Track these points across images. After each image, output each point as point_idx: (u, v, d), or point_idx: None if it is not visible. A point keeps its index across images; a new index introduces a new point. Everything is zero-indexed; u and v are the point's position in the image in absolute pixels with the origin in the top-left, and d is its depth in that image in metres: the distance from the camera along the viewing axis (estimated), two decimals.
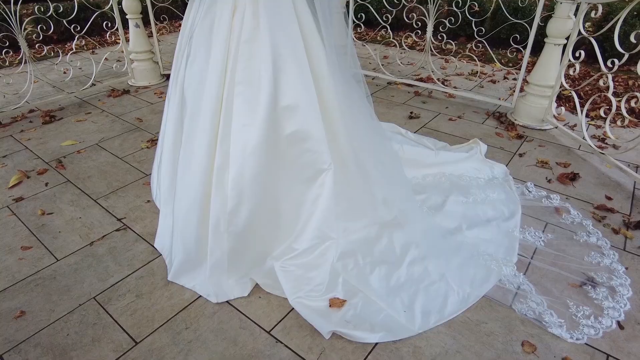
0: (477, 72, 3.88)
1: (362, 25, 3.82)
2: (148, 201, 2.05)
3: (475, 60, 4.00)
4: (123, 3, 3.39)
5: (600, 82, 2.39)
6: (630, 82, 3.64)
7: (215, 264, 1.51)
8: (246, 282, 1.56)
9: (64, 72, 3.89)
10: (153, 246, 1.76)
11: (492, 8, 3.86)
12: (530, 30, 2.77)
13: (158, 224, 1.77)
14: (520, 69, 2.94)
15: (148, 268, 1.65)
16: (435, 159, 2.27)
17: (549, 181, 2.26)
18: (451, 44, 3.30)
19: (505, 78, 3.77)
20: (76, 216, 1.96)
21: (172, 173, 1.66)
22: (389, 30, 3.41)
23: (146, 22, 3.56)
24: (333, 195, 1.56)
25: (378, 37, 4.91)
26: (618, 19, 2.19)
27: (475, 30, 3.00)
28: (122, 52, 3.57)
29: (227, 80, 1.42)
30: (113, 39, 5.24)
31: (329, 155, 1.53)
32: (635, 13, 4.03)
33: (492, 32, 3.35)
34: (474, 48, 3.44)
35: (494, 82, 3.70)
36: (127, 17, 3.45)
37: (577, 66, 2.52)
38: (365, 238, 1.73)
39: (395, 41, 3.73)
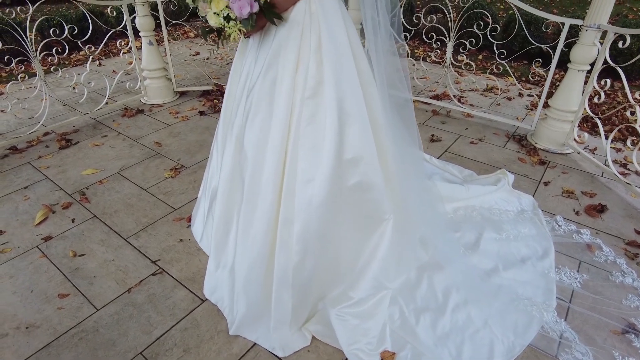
0: (492, 87, 3.87)
1: None
2: (181, 240, 2.03)
3: (490, 75, 3.99)
4: (136, 21, 3.33)
5: (628, 113, 2.40)
6: None
7: (280, 318, 1.52)
8: (304, 331, 1.57)
9: (73, 88, 3.83)
10: (193, 292, 1.75)
11: (505, 19, 3.85)
12: (554, 55, 2.76)
13: (206, 274, 1.75)
14: (535, 84, 2.93)
15: (191, 319, 1.63)
16: (467, 194, 2.28)
17: (577, 213, 2.28)
18: (471, 65, 3.29)
19: (520, 94, 3.76)
20: (109, 258, 1.94)
21: (227, 223, 1.64)
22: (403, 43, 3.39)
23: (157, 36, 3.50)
24: (391, 245, 1.58)
25: None
26: None
27: (497, 52, 2.99)
28: (130, 63, 3.51)
29: (291, 136, 1.41)
30: (118, 49, 5.19)
31: (389, 205, 1.56)
32: None
33: (504, 41, 3.34)
34: (494, 69, 3.42)
35: (509, 99, 3.70)
36: (140, 34, 3.39)
37: (602, 94, 2.52)
38: (406, 283, 1.74)
39: (408, 52, 3.70)
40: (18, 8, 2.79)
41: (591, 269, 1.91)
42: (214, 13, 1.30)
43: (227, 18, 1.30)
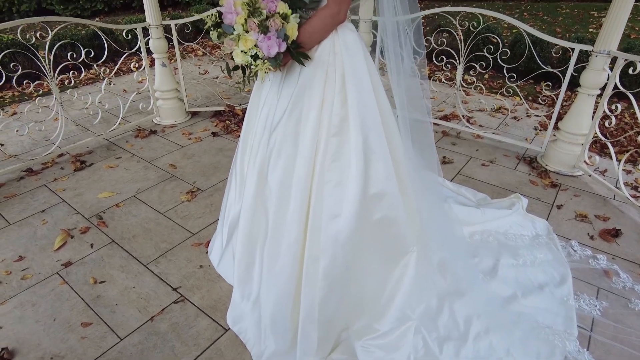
0: (500, 107, 3.92)
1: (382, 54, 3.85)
2: (200, 266, 2.04)
3: (496, 93, 4.04)
4: (150, 43, 3.38)
5: (639, 139, 2.43)
6: None
7: (306, 349, 1.53)
8: None
9: (86, 108, 3.86)
10: (215, 321, 1.75)
11: (510, 37, 3.91)
12: (563, 78, 2.81)
13: (230, 304, 1.75)
14: (541, 104, 2.97)
15: (215, 348, 1.64)
16: (482, 217, 2.30)
17: (592, 238, 2.29)
18: (481, 87, 3.34)
19: (527, 114, 3.81)
20: (130, 285, 1.94)
21: (250, 257, 1.65)
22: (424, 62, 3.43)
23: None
24: (416, 277, 1.59)
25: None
26: None
27: (507, 76, 3.04)
28: (141, 82, 3.55)
29: (316, 172, 1.44)
30: (128, 68, 5.25)
31: (412, 238, 1.58)
32: None
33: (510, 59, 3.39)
34: (504, 92, 3.46)
35: (517, 119, 3.74)
36: (153, 56, 3.44)
37: (613, 119, 2.56)
38: (427, 311, 1.75)
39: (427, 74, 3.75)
40: (38, 34, 2.84)
41: (610, 295, 1.92)
42: (242, 51, 1.33)
43: (255, 57, 1.33)
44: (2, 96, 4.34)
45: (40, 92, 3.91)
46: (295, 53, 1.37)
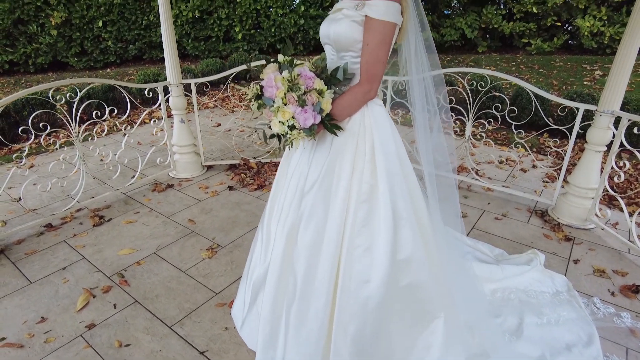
0: (506, 158, 4.03)
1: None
2: (226, 328, 2.03)
3: (503, 146, 4.17)
4: (170, 100, 3.52)
5: None
6: None
7: None
8: None
9: (101, 160, 3.95)
10: None
11: (510, 90, 4.09)
12: (570, 136, 2.92)
13: None
14: (546, 155, 3.06)
15: None
16: (502, 274, 2.32)
17: (613, 294, 2.31)
18: (491, 144, 3.46)
19: (534, 166, 3.91)
20: (155, 349, 1.93)
21: (275, 319, 1.66)
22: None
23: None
24: (444, 342, 1.60)
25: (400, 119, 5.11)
26: None
27: (515, 132, 3.16)
28: (155, 134, 3.66)
29: (346, 238, 1.48)
30: (141, 119, 5.41)
31: (439, 301, 1.60)
32: None
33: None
34: (513, 147, 3.58)
35: (524, 170, 3.84)
36: (173, 112, 3.58)
37: (622, 175, 2.64)
38: None
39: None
40: (68, 95, 2.95)
41: (639, 356, 1.91)
42: (279, 121, 1.41)
43: (291, 127, 1.41)
44: (19, 149, 4.44)
45: (57, 144, 4.01)
46: (330, 125, 1.46)
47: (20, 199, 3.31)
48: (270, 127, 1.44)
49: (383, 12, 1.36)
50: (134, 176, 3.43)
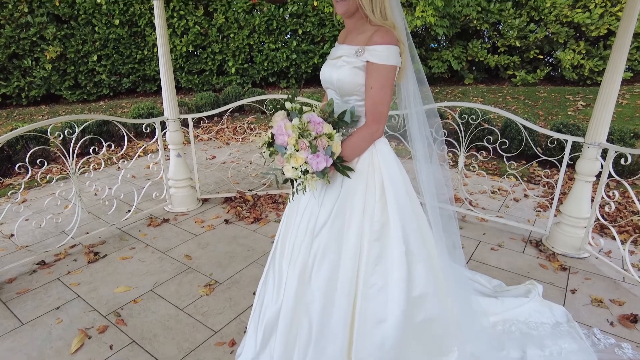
0: (498, 188, 4.11)
1: None
2: None
3: (492, 174, 4.25)
4: (167, 135, 3.56)
5: None
6: None
7: None
8: None
9: (95, 194, 3.93)
10: None
11: (498, 120, 4.21)
12: (560, 167, 3.01)
13: None
14: (537, 184, 3.13)
15: None
16: (502, 307, 2.32)
17: (612, 324, 2.32)
18: (483, 174, 3.54)
19: (525, 195, 3.99)
20: None
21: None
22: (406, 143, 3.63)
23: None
24: None
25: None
26: None
27: (508, 164, 3.24)
28: (148, 167, 3.66)
29: (360, 277, 1.49)
30: (135, 152, 5.41)
31: (453, 337, 1.60)
32: None
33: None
34: (506, 178, 3.67)
35: (516, 200, 3.91)
36: (169, 147, 3.60)
37: (612, 205, 2.71)
38: None
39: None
40: (66, 131, 2.97)
41: None
42: (292, 167, 1.45)
43: (304, 171, 1.45)
44: (10, 183, 4.40)
45: (54, 180, 3.99)
46: (342, 167, 1.49)
47: (12, 235, 3.26)
48: (282, 173, 1.48)
49: (385, 57, 1.42)
50: (130, 211, 3.41)
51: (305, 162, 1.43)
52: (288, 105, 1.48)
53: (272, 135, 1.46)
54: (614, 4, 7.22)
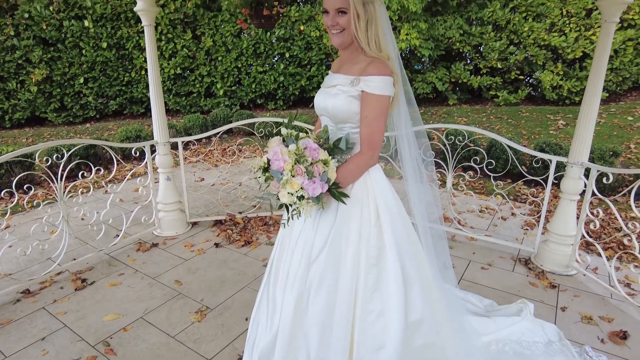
0: (486, 207, 4.17)
1: None
2: None
3: (479, 193, 4.32)
4: (157, 159, 3.54)
5: (625, 241, 2.64)
6: None
7: None
8: None
9: (82, 219, 3.86)
10: None
11: (482, 139, 4.31)
12: (546, 185, 3.08)
13: None
14: (523, 202, 3.19)
15: None
16: (495, 326, 2.34)
17: (602, 341, 2.35)
18: (470, 194, 3.60)
19: (512, 214, 4.06)
20: None
21: None
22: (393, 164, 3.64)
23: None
24: None
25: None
26: (632, 188, 2.51)
27: (495, 184, 3.31)
28: (136, 190, 3.63)
29: (358, 303, 1.49)
30: (122, 175, 5.36)
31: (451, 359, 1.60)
32: None
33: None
34: (492, 192, 3.73)
35: (504, 218, 3.97)
36: (159, 170, 3.58)
37: (597, 222, 2.78)
38: None
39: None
40: (54, 156, 2.94)
41: None
42: (288, 192, 1.46)
43: (300, 197, 1.46)
44: None
45: (41, 205, 3.92)
46: (337, 193, 1.51)
47: None
48: (278, 198, 1.49)
49: (380, 88, 1.47)
50: (118, 235, 3.36)
51: (301, 188, 1.44)
52: (284, 131, 1.50)
53: (268, 160, 1.48)
54: (588, 28, 7.55)
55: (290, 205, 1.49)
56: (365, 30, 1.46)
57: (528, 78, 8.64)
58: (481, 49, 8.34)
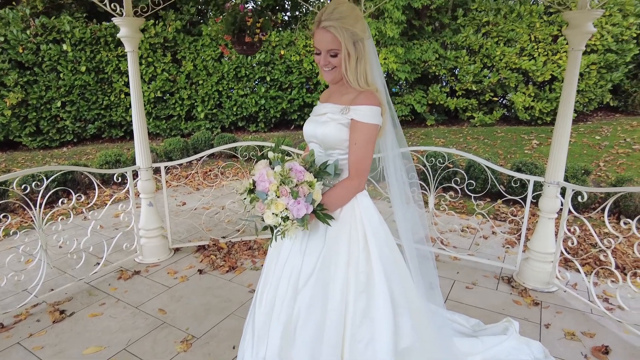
0: (467, 226, 4.25)
1: None
2: None
3: (462, 214, 4.41)
4: (139, 184, 3.50)
5: (601, 257, 2.73)
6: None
7: None
8: None
9: (60, 247, 3.74)
10: None
11: (461, 160, 4.43)
12: (525, 205, 3.18)
13: None
14: (503, 221, 3.28)
15: None
16: (482, 346, 2.36)
17: (586, 357, 2.40)
18: (452, 213, 3.68)
19: (493, 232, 4.15)
20: None
21: None
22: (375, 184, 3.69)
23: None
24: None
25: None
26: (605, 206, 2.62)
27: (475, 204, 3.39)
28: (117, 216, 3.56)
29: (347, 332, 1.49)
30: (102, 201, 5.24)
31: None
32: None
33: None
34: (472, 212, 3.82)
35: (485, 237, 4.06)
36: (141, 196, 3.53)
37: (575, 239, 2.87)
38: None
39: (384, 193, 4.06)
40: (34, 184, 2.87)
41: None
42: (273, 213, 1.47)
43: (285, 218, 1.47)
44: None
45: (18, 234, 3.79)
46: (322, 215, 1.53)
47: None
48: (262, 220, 1.49)
49: (369, 116, 1.52)
50: (99, 264, 3.27)
51: (286, 209, 1.45)
52: (271, 154, 1.53)
53: (254, 182, 1.49)
54: (554, 52, 7.95)
55: (275, 226, 1.50)
56: (355, 67, 1.52)
57: (502, 99, 8.97)
58: (456, 72, 8.64)
